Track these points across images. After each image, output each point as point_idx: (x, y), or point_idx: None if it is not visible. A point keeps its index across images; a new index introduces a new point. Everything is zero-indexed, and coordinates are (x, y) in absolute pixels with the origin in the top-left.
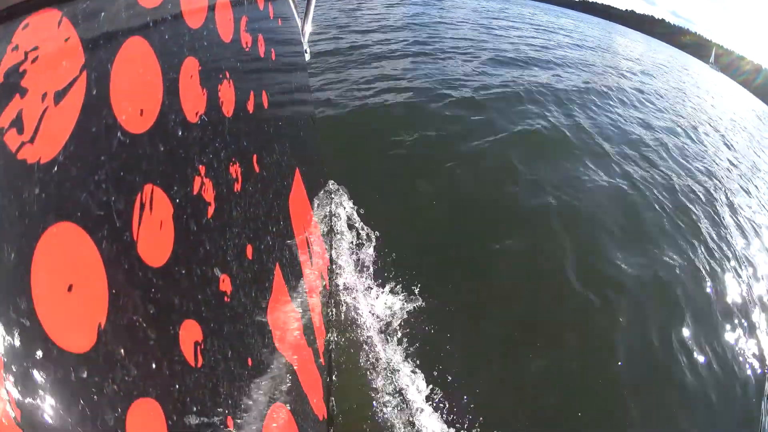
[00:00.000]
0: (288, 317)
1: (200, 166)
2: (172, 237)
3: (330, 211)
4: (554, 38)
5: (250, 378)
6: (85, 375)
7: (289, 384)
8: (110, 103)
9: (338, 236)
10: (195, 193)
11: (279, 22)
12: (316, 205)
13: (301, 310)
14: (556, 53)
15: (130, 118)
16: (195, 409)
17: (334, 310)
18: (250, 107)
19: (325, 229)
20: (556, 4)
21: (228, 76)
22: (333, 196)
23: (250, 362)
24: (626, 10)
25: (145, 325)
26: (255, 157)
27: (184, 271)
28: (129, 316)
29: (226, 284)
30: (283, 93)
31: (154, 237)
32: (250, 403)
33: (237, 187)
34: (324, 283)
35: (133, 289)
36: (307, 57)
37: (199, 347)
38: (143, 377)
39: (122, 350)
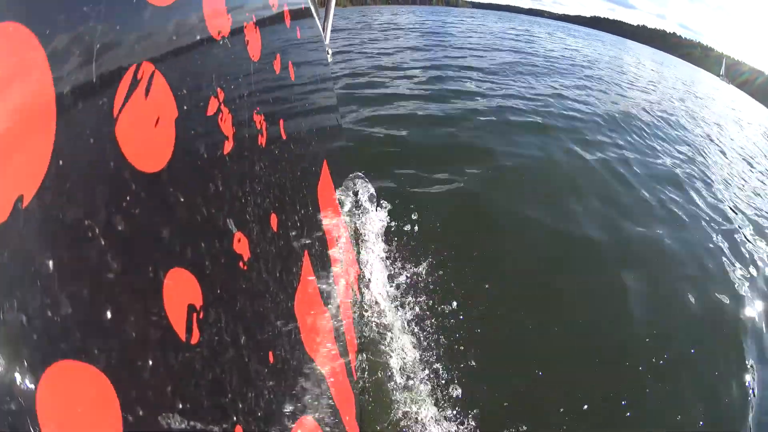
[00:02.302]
0: (318, 317)
1: (218, 88)
2: (172, 145)
3: (358, 218)
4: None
5: (272, 378)
6: None
7: (320, 395)
8: None
9: (368, 244)
10: (209, 114)
11: (302, 7)
12: (344, 209)
13: (331, 314)
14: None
15: None
16: (180, 405)
17: (365, 322)
18: (277, 67)
19: (354, 237)
20: (569, 22)
21: (254, 20)
22: (363, 205)
23: (271, 357)
24: (638, 25)
25: (102, 240)
26: (282, 121)
27: (182, 198)
28: (74, 211)
29: (242, 246)
30: (309, 75)
31: (144, 130)
32: (272, 411)
33: (261, 140)
34: (354, 292)
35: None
36: (329, 58)
37: (195, 315)
38: (84, 327)
39: (50, 262)
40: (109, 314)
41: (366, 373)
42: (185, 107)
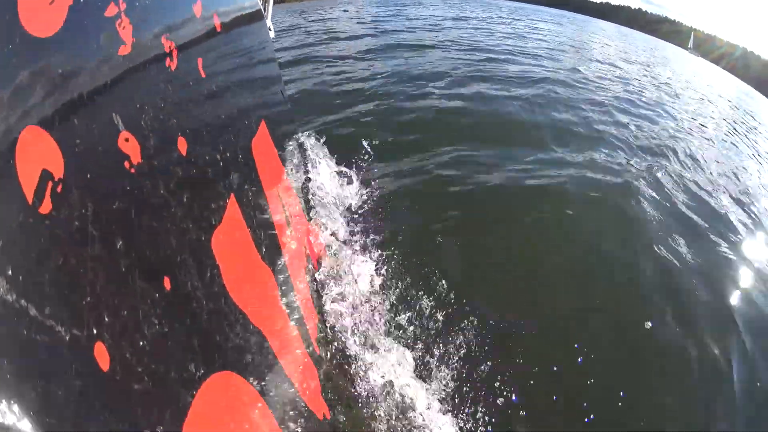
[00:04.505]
0: (250, 267)
1: (121, 0)
2: (61, 22)
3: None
4: None
5: (166, 309)
6: None
7: (254, 353)
8: None
9: (323, 210)
10: (106, 15)
11: None
12: (293, 182)
13: (275, 271)
14: None
15: None
16: (9, 271)
17: (323, 297)
18: (197, 11)
19: (305, 208)
20: (529, 3)
21: None
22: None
23: (167, 283)
24: (601, 2)
25: None
26: (200, 60)
27: (60, 70)
28: None
29: (130, 148)
30: (241, 34)
31: (40, 4)
32: (163, 346)
33: (170, 64)
34: (310, 264)
35: None
36: (272, 34)
37: (51, 184)
38: None
39: None
40: None
41: (330, 346)
42: (81, 0)
